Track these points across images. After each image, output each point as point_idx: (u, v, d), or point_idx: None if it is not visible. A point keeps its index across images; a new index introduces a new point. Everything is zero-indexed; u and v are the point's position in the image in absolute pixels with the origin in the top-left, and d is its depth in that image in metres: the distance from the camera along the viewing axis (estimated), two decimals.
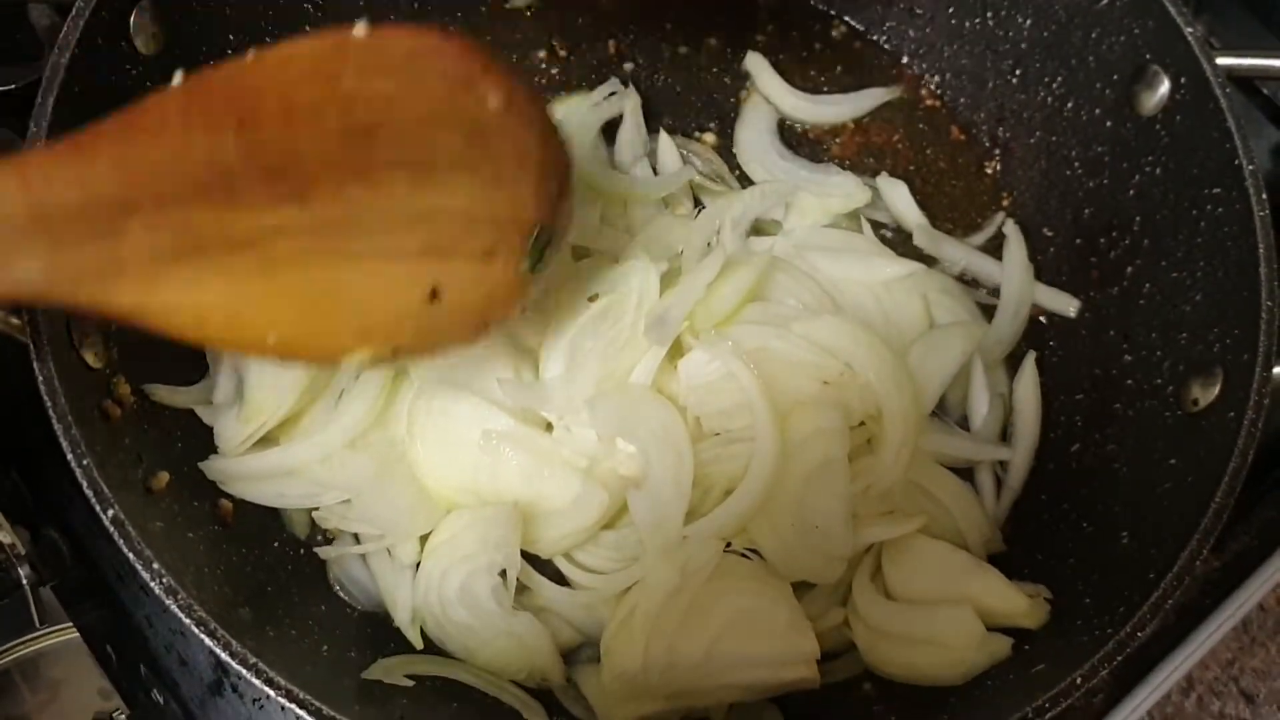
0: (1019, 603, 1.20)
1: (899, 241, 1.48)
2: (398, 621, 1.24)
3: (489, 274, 1.04)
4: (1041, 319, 1.44)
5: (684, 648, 1.17)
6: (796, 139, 1.54)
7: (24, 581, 1.35)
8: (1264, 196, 1.19)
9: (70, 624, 1.34)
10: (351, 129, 0.95)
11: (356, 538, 1.28)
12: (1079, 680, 1.04)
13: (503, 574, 1.21)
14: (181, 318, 0.91)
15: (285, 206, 0.92)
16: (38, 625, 1.41)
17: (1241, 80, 1.52)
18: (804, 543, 1.23)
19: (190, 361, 1.28)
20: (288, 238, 0.92)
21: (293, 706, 1.01)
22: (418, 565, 1.25)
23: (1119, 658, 1.05)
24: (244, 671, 1.01)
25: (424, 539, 1.26)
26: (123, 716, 1.32)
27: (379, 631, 1.23)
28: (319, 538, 1.30)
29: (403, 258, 0.98)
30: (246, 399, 1.25)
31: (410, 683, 1.18)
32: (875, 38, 1.60)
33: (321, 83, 0.94)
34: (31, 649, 1.39)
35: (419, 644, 1.23)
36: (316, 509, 1.27)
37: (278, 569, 1.23)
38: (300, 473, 1.25)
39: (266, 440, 1.27)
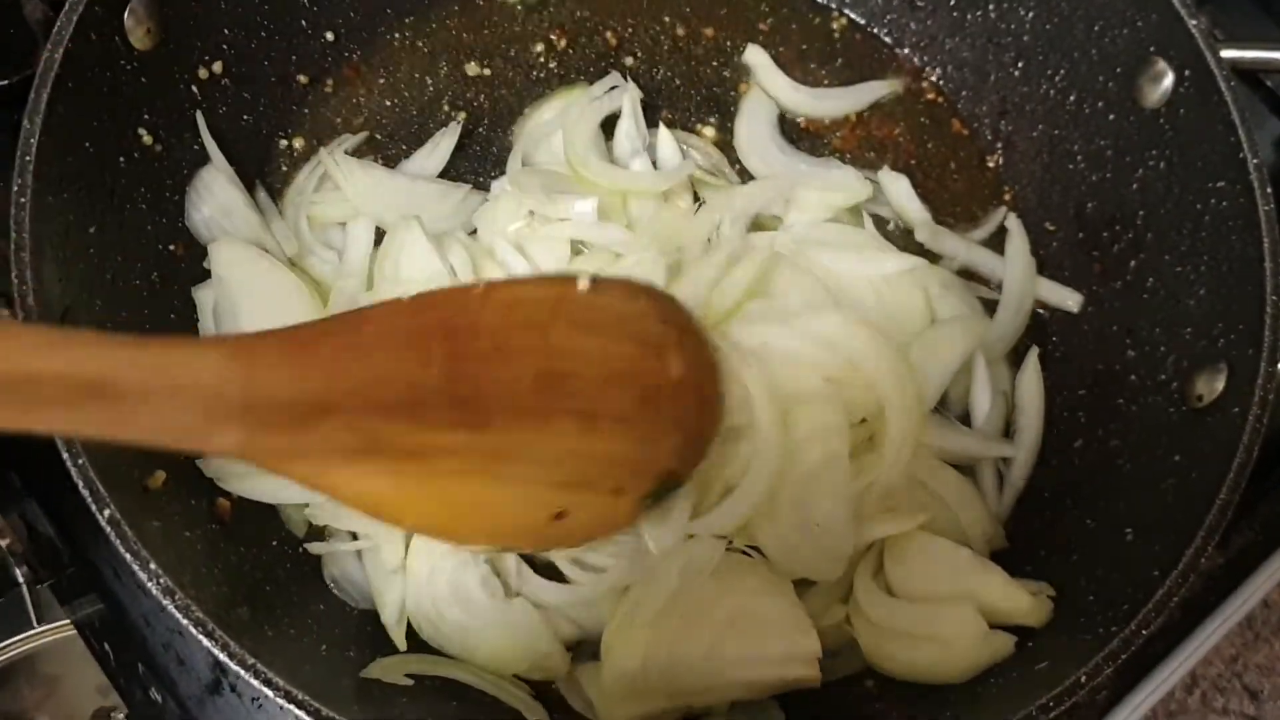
0: (1022, 600, 1.19)
1: (900, 236, 1.47)
2: (384, 621, 1.23)
3: (613, 505, 1.08)
4: (1044, 314, 1.43)
5: (685, 647, 1.16)
6: (797, 133, 1.53)
7: (21, 580, 1.34)
8: (1269, 190, 1.18)
9: (67, 622, 1.33)
10: (545, 375, 1.01)
11: (354, 536, 1.27)
12: (1083, 678, 1.03)
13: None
14: (338, 494, 0.97)
15: (462, 432, 0.97)
16: (35, 624, 1.41)
17: (1245, 73, 1.52)
18: (806, 541, 1.22)
19: None
20: (454, 457, 0.98)
21: (290, 707, 1.00)
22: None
23: (1124, 655, 1.04)
24: (242, 672, 1.00)
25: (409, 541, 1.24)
26: (121, 715, 1.32)
27: (378, 631, 1.22)
28: (317, 536, 1.29)
29: (546, 486, 1.03)
30: None
31: (409, 682, 1.17)
32: (876, 31, 1.59)
33: (535, 330, 1.01)
34: (29, 647, 1.38)
35: (402, 645, 1.21)
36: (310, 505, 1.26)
37: (276, 568, 1.22)
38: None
39: None
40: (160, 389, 0.84)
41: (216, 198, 1.33)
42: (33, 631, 1.39)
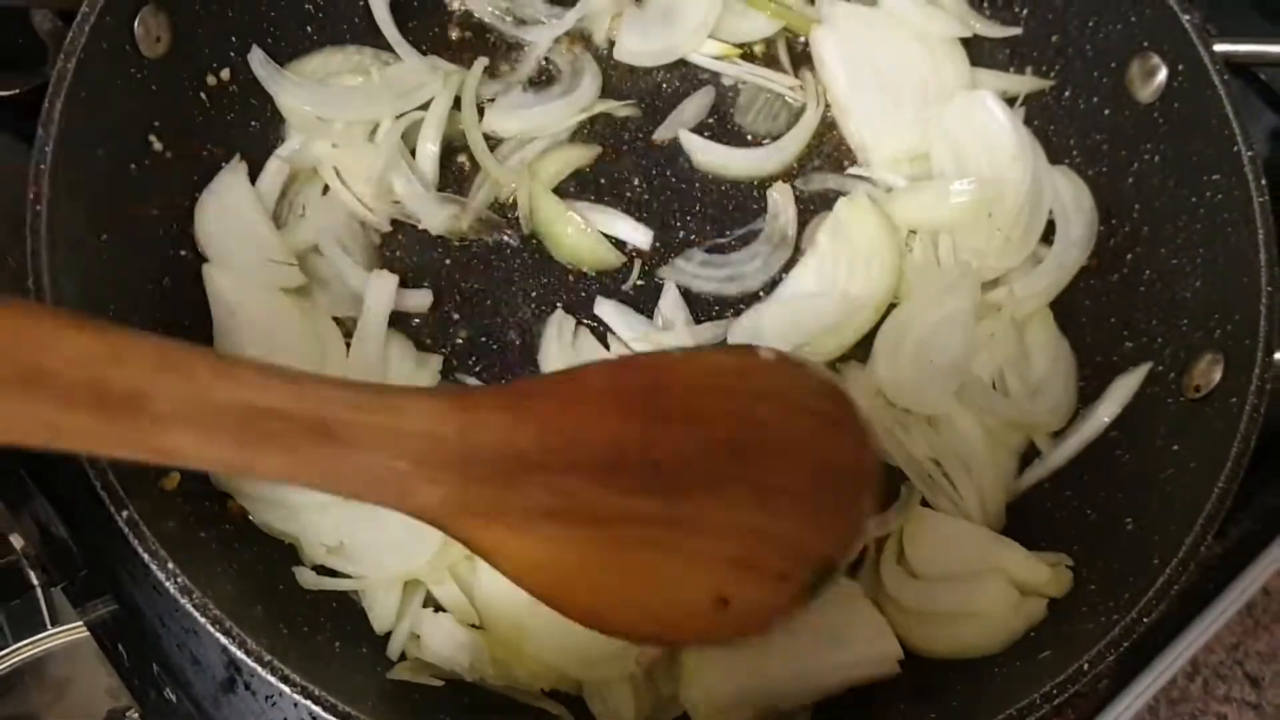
0: (1042, 572, 1.21)
1: None
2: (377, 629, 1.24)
3: (775, 594, 1.06)
4: None
5: (770, 665, 1.17)
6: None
7: (35, 583, 1.36)
8: (1263, 182, 1.20)
9: (81, 624, 1.34)
10: (730, 443, 1.01)
11: None
12: (1085, 666, 1.05)
13: None
14: (519, 562, 0.95)
15: (651, 498, 0.97)
16: (49, 626, 1.42)
17: (1239, 67, 1.53)
18: (921, 375, 1.32)
19: None
20: (638, 525, 0.97)
21: (307, 702, 1.02)
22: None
23: (1125, 644, 1.06)
24: (259, 669, 1.02)
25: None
26: (135, 715, 1.33)
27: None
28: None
29: (715, 564, 1.02)
30: None
31: (440, 683, 1.19)
32: None
33: (724, 395, 1.02)
34: (42, 649, 1.39)
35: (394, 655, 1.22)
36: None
37: (289, 567, 1.23)
38: (302, 507, 1.23)
39: None
40: (379, 431, 0.84)
41: (229, 211, 1.33)
42: (47, 634, 1.40)
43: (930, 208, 1.41)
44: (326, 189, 1.41)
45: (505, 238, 1.43)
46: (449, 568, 1.22)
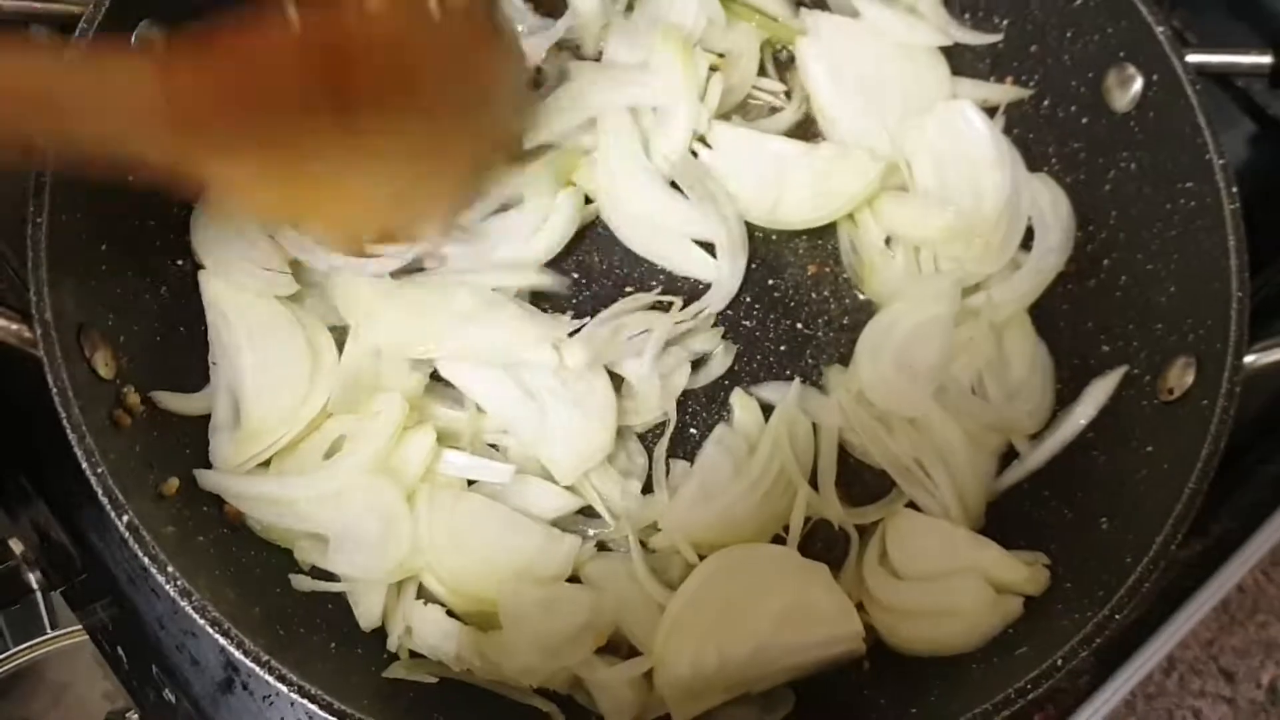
0: (1019, 570, 1.24)
1: None
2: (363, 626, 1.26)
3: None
4: None
5: (734, 648, 1.21)
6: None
7: (35, 586, 1.37)
8: (1234, 190, 1.23)
9: (80, 627, 1.36)
10: (404, 69, 1.08)
11: None
12: (1059, 662, 1.08)
13: None
14: (239, 189, 1.08)
15: (337, 120, 1.05)
16: (49, 629, 1.44)
17: (1217, 74, 1.56)
18: (900, 378, 1.36)
19: (195, 369, 1.31)
20: (327, 145, 1.06)
21: (304, 701, 1.05)
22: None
23: (1098, 640, 1.09)
24: (257, 669, 1.04)
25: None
26: (134, 716, 1.35)
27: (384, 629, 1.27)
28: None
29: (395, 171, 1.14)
30: (243, 424, 1.27)
31: (434, 680, 1.22)
32: None
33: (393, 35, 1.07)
34: (42, 652, 1.41)
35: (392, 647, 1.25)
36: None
37: (286, 570, 1.26)
38: (291, 503, 1.26)
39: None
40: (97, 94, 0.95)
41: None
42: (47, 637, 1.42)
43: (913, 224, 1.44)
44: None
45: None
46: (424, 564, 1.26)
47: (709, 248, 1.45)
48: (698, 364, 1.41)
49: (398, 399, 1.28)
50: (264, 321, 1.32)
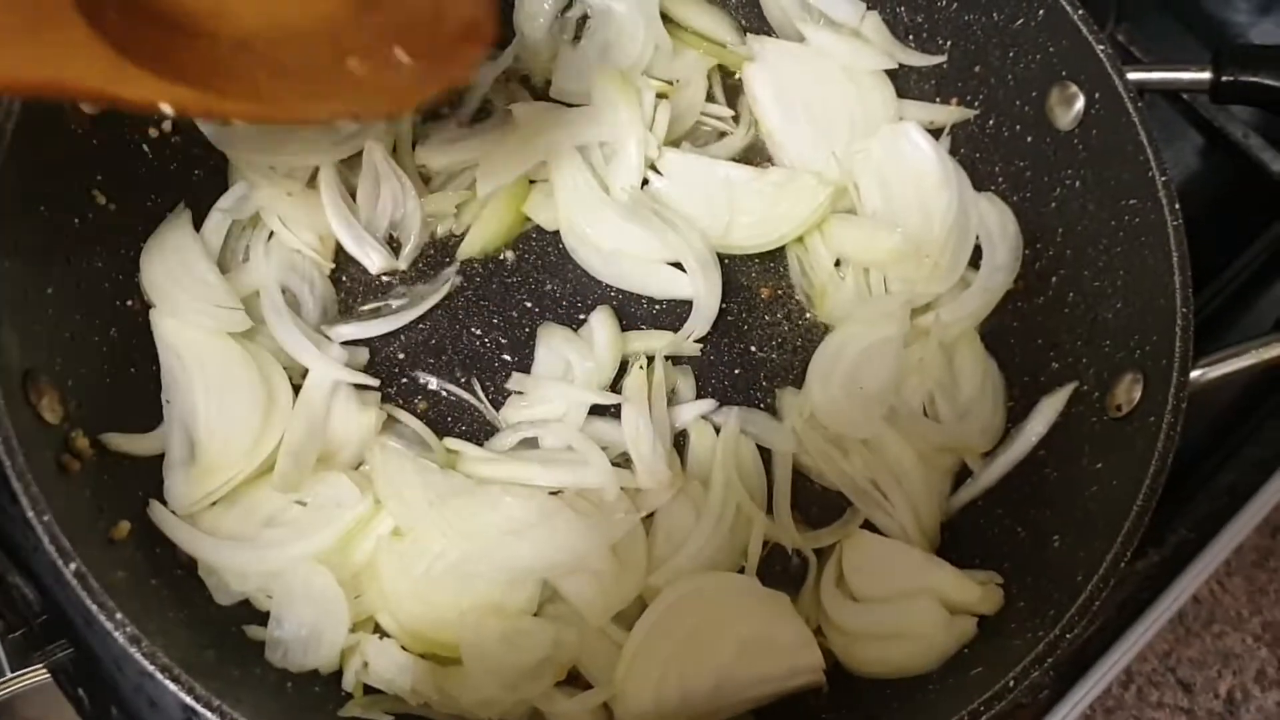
0: (973, 591, 1.25)
1: None
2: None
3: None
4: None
5: (696, 681, 1.21)
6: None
7: None
8: (1176, 206, 1.24)
9: (42, 667, 1.35)
10: None
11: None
12: (1011, 682, 1.09)
13: None
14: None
15: None
16: (8, 673, 1.43)
17: (1163, 90, 1.58)
18: (850, 401, 1.38)
19: (145, 409, 1.30)
20: None
21: None
22: None
23: (1049, 659, 1.10)
24: (209, 714, 1.04)
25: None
26: None
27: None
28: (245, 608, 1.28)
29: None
30: (198, 459, 1.27)
31: (390, 718, 1.21)
32: None
33: None
34: (3, 693, 1.40)
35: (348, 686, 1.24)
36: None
37: (239, 610, 1.25)
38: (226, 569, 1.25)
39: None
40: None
41: (172, 258, 1.34)
42: (6, 678, 1.41)
43: (862, 247, 1.45)
44: (272, 235, 1.43)
45: (444, 278, 1.46)
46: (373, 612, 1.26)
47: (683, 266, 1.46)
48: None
49: (355, 496, 1.27)
50: (217, 358, 1.32)
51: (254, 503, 1.28)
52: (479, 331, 1.44)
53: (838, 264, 1.47)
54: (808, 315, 1.48)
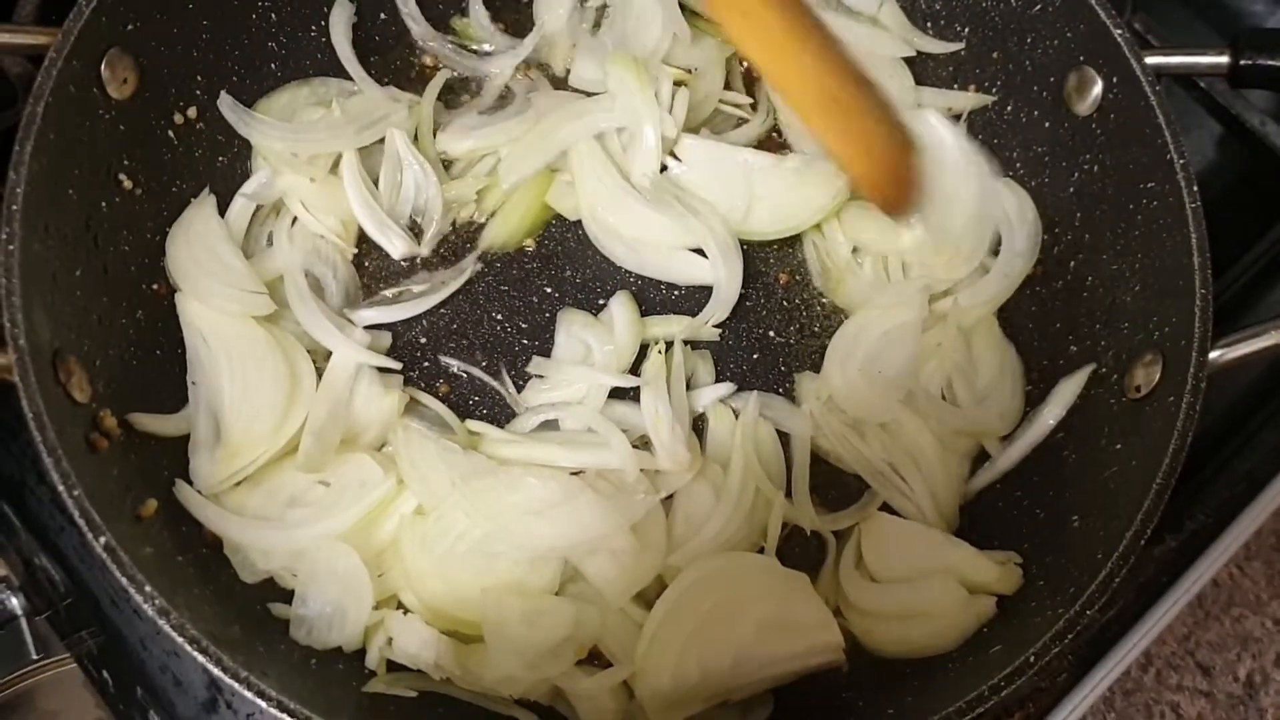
0: (991, 571, 1.26)
1: None
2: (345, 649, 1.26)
3: None
4: None
5: (713, 660, 1.21)
6: None
7: (19, 612, 1.38)
8: (1195, 189, 1.25)
9: (67, 655, 1.36)
10: None
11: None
12: (1032, 659, 1.09)
13: None
14: None
15: None
16: (34, 656, 1.44)
17: (1179, 76, 1.58)
18: (867, 385, 1.38)
19: (171, 390, 1.31)
20: None
21: (285, 717, 1.05)
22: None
23: (1069, 636, 1.10)
24: (236, 685, 1.05)
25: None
26: None
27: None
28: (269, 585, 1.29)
29: None
30: (224, 440, 1.28)
31: (414, 694, 1.22)
32: None
33: None
34: (28, 681, 1.41)
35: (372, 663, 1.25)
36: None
37: (265, 587, 1.26)
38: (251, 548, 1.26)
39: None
40: None
41: (196, 242, 1.36)
42: (32, 665, 1.41)
43: (881, 238, 1.47)
44: (295, 220, 1.44)
45: (466, 264, 1.47)
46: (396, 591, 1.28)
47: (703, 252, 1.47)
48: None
49: (379, 476, 1.28)
50: (242, 342, 1.33)
51: (278, 483, 1.30)
52: (500, 317, 1.45)
53: (855, 250, 1.48)
54: (825, 301, 1.48)
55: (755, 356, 1.45)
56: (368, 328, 1.40)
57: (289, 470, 1.30)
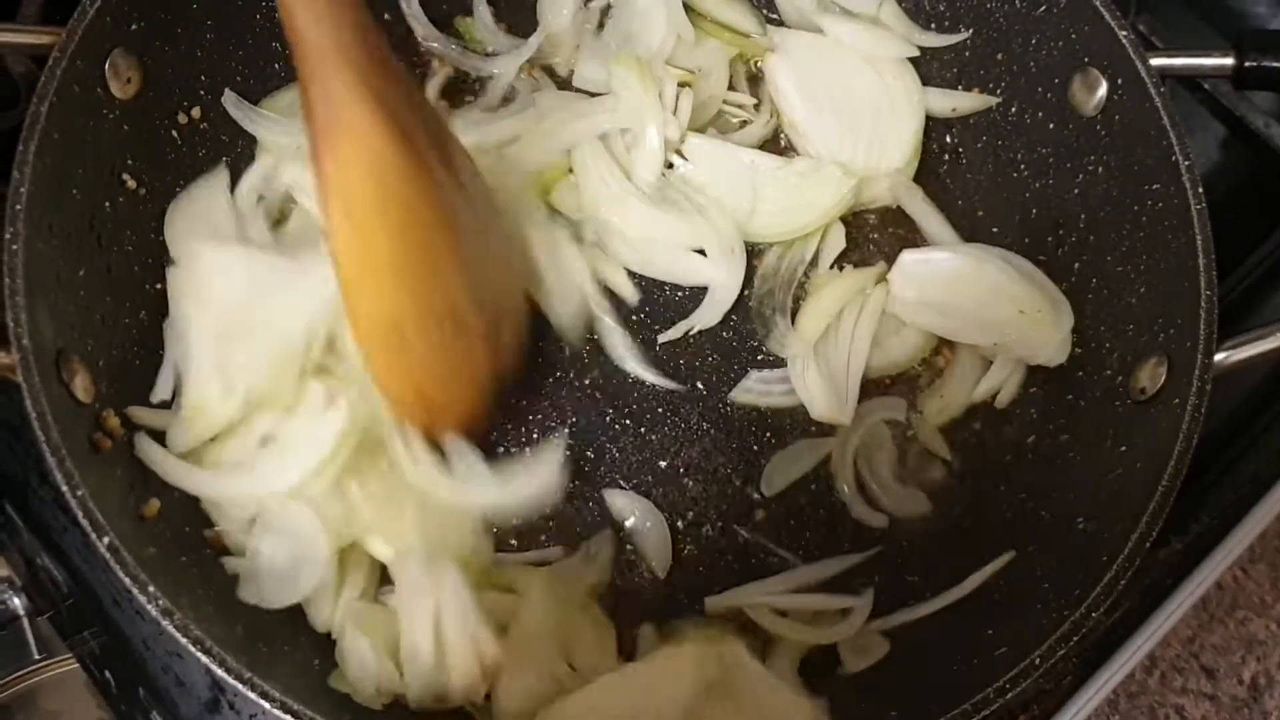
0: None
1: None
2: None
3: None
4: None
5: None
6: None
7: (21, 612, 1.38)
8: (1200, 190, 1.24)
9: (69, 655, 1.35)
10: None
11: None
12: (1037, 661, 1.09)
13: None
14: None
15: None
16: (36, 656, 1.43)
17: (1184, 78, 1.58)
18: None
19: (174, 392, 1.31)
20: None
21: (287, 718, 1.05)
22: None
23: (1075, 638, 1.10)
24: (239, 686, 1.04)
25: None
26: None
27: None
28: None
29: None
30: (184, 397, 1.26)
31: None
32: None
33: None
34: (30, 681, 1.41)
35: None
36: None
37: None
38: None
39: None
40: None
41: (200, 216, 1.36)
42: (34, 665, 1.41)
43: None
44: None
45: None
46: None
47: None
48: None
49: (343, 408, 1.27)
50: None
51: (249, 428, 1.27)
52: None
53: None
54: None
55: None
56: None
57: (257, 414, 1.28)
